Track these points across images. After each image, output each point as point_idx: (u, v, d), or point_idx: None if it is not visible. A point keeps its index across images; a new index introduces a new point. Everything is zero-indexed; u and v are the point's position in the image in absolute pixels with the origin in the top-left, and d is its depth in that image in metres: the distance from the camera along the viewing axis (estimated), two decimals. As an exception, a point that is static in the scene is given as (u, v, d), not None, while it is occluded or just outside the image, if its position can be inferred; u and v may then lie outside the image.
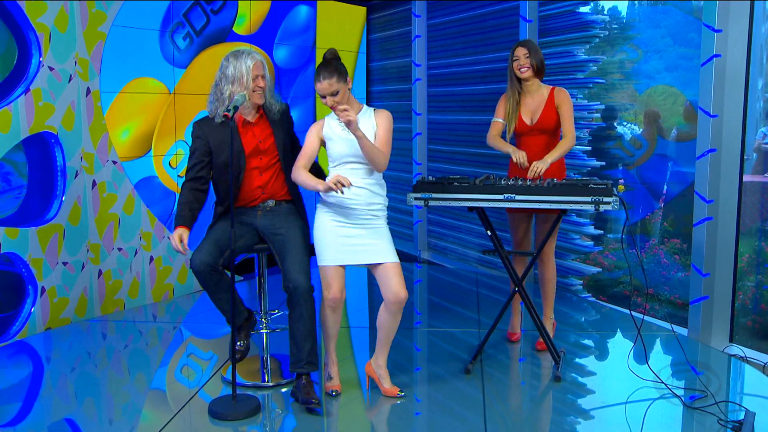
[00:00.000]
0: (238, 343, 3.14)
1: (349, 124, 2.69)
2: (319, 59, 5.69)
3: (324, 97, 2.82)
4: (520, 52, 3.38)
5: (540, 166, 3.16)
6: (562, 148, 3.29)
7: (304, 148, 2.95)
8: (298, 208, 3.18)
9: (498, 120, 3.47)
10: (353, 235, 2.88)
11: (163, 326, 4.10)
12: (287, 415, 2.90)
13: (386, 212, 2.98)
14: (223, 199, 3.10)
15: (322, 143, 2.94)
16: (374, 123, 2.90)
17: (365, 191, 2.87)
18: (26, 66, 3.73)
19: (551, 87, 3.45)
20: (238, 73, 2.93)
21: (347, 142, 2.84)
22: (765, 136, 3.54)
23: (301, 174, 2.89)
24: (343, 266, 2.92)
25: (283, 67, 5.53)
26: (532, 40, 3.54)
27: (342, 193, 2.73)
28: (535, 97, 3.43)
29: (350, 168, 2.86)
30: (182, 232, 2.91)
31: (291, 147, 3.17)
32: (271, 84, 3.07)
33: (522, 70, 3.37)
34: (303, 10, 5.66)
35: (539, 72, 3.40)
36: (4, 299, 3.76)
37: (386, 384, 3.01)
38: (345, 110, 2.69)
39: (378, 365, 3.03)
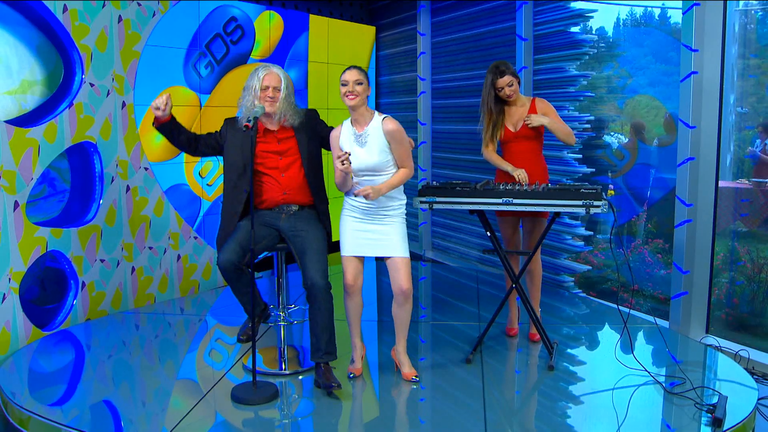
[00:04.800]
0: (248, 325, 3.19)
1: (368, 197, 2.78)
2: (313, 73, 5.73)
3: (347, 84, 2.82)
4: (503, 82, 3.29)
5: (537, 119, 3.25)
6: (564, 128, 3.32)
7: (335, 164, 2.93)
8: (321, 213, 3.18)
9: (490, 142, 3.42)
10: (368, 230, 2.95)
11: (190, 318, 4.12)
12: (303, 399, 2.94)
13: (404, 209, 3.02)
14: (228, 201, 3.11)
15: None
16: (383, 139, 2.87)
17: (383, 197, 2.91)
18: (70, 83, 3.82)
19: (531, 98, 3.45)
20: (251, 83, 2.99)
21: (359, 158, 2.88)
22: (767, 144, 3.56)
23: (336, 181, 2.96)
24: (359, 257, 2.98)
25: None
26: (504, 62, 3.35)
27: (345, 163, 2.78)
28: (518, 107, 3.41)
29: (368, 179, 2.90)
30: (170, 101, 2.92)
31: (317, 152, 3.17)
32: (286, 95, 3.03)
33: (511, 96, 3.33)
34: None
35: (519, 85, 3.40)
36: (50, 292, 3.85)
37: (405, 369, 3.06)
38: (365, 193, 2.77)
39: (398, 351, 3.09)
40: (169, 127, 3.01)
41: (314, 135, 3.17)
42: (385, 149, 2.89)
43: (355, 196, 2.88)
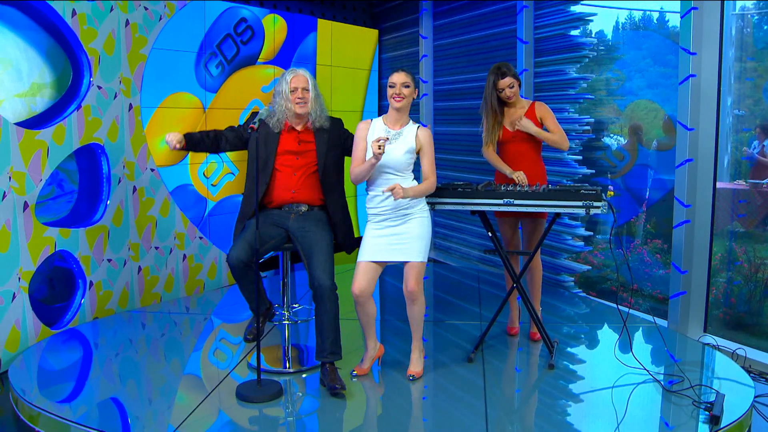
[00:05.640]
0: (254, 324, 3.21)
1: (395, 193, 2.80)
2: (317, 75, 5.75)
3: (394, 86, 2.90)
4: (504, 83, 3.30)
5: (526, 125, 3.28)
6: (553, 137, 3.31)
7: (354, 153, 2.97)
8: (334, 213, 3.18)
9: (491, 142, 3.43)
10: (389, 235, 2.94)
11: (195, 317, 4.14)
12: (307, 397, 2.95)
13: (425, 205, 3.00)
14: (248, 195, 3.14)
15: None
16: (413, 143, 2.93)
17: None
18: (79, 86, 3.84)
19: (531, 101, 3.46)
20: (280, 87, 3.05)
21: (385, 155, 2.88)
22: (764, 146, 3.57)
23: (355, 170, 2.94)
24: (375, 263, 2.95)
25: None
26: (506, 64, 3.37)
27: (382, 147, 2.76)
28: (517, 109, 3.42)
29: (385, 178, 2.91)
30: (180, 136, 3.03)
31: (336, 160, 3.17)
32: (315, 95, 3.08)
33: (511, 98, 3.34)
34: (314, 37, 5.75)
35: (520, 87, 3.41)
36: (58, 292, 3.88)
37: (410, 366, 3.09)
38: (393, 189, 2.80)
39: (412, 348, 3.12)
40: (188, 147, 3.12)
41: (335, 144, 3.18)
42: (411, 151, 2.93)
43: (384, 191, 2.89)
